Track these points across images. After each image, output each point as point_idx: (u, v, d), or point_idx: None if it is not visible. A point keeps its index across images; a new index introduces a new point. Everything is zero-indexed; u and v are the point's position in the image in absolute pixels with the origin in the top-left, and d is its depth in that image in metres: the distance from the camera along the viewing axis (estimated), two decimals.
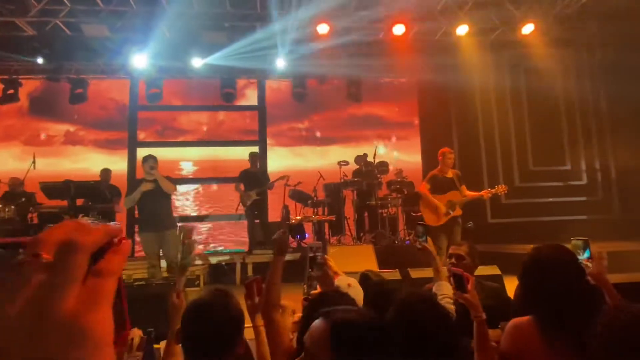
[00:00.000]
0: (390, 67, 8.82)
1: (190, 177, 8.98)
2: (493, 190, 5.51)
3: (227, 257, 6.72)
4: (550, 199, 7.48)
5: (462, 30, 7.16)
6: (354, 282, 2.21)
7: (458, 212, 5.53)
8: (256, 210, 7.11)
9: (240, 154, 8.66)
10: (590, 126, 7.86)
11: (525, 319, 1.69)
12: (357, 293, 2.08)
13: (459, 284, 1.86)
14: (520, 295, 1.86)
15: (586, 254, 2.17)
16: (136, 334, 2.06)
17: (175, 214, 6.20)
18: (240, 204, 7.09)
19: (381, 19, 7.14)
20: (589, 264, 2.09)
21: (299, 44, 7.33)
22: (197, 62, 7.80)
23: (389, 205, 7.10)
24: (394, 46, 7.87)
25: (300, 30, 7.06)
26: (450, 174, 5.62)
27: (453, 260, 2.77)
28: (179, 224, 5.53)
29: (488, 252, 6.57)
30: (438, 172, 5.68)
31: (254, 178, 7.10)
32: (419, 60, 8.49)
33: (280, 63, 7.68)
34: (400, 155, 8.96)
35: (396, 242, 6.72)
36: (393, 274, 3.98)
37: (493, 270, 3.75)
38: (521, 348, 1.64)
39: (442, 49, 7.81)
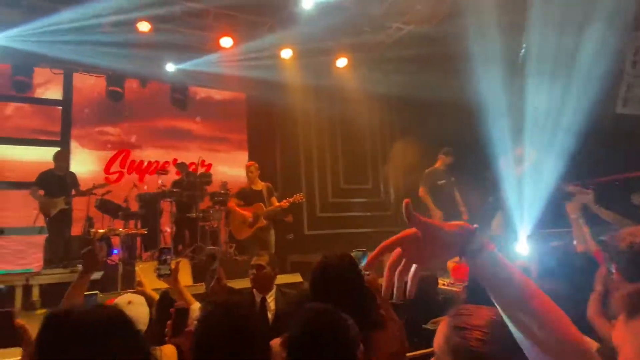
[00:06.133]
0: (220, 78, 8.76)
1: None
2: (291, 200, 5.63)
3: (3, 279, 5.49)
4: (356, 213, 8.52)
5: (286, 54, 7.62)
6: (138, 299, 2.07)
7: (262, 223, 5.61)
8: (61, 221, 6.05)
9: (32, 154, 7.30)
10: (387, 152, 9.29)
11: None
12: (139, 311, 1.96)
13: None
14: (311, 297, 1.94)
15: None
16: None
17: None
18: (41, 213, 5.92)
19: (209, 28, 7.07)
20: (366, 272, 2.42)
21: (116, 36, 6.66)
22: None
23: (211, 218, 6.95)
24: (224, 58, 7.87)
25: (117, 23, 6.43)
26: (259, 186, 5.78)
27: (254, 270, 2.87)
28: None
29: (301, 261, 7.07)
30: (246, 185, 5.86)
31: (59, 183, 6.03)
32: (248, 76, 8.69)
33: (92, 55, 6.81)
34: (227, 168, 8.90)
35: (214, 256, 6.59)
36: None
37: (295, 277, 4.02)
38: None
39: (269, 68, 8.16)
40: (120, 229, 5.87)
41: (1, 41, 6.47)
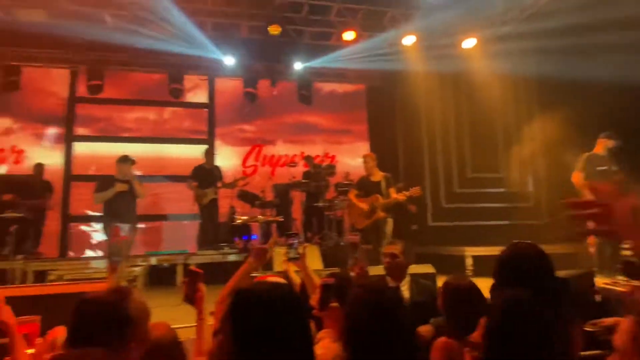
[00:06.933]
0: (342, 72, 9.00)
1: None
2: (407, 193, 5.44)
3: (168, 258, 6.49)
4: (487, 204, 7.93)
5: (408, 40, 7.44)
6: (283, 281, 2.27)
7: (380, 214, 5.50)
8: (211, 209, 6.92)
9: (186, 152, 8.43)
10: (522, 137, 8.42)
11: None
12: None
13: None
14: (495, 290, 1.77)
15: None
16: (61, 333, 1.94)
17: None
18: (195, 202, 6.84)
19: (333, 24, 7.28)
20: None
21: (249, 41, 7.30)
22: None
23: (336, 207, 7.21)
24: (346, 52, 8.03)
25: (251, 29, 7.04)
26: (377, 177, 5.67)
27: (388, 258, 2.91)
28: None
29: (427, 253, 6.89)
30: (364, 176, 5.85)
31: (208, 175, 6.88)
32: (369, 68, 8.73)
33: (229, 60, 7.60)
34: (349, 159, 9.12)
35: (342, 243, 6.84)
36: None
37: (427, 268, 3.93)
38: None
39: (391, 57, 8.08)
40: (259, 216, 6.46)
41: (158, 51, 7.55)
